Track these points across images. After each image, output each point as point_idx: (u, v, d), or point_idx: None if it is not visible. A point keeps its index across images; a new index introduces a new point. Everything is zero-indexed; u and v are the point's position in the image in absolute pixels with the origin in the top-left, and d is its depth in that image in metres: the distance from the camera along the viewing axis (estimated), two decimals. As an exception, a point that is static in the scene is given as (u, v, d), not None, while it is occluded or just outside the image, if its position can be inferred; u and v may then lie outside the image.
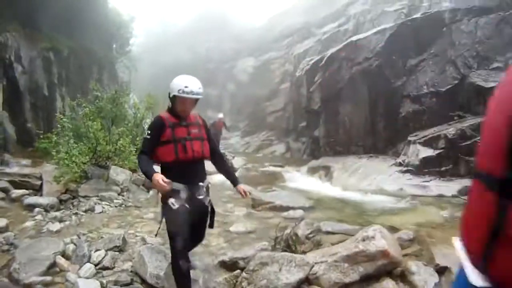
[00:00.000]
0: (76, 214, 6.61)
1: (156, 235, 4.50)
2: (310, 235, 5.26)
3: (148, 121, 13.50)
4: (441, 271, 3.99)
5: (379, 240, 3.77)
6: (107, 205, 7.31)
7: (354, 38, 14.25)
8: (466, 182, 8.82)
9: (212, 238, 5.48)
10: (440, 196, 8.73)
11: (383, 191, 9.74)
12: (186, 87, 3.24)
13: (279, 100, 23.01)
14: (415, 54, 12.14)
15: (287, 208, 7.29)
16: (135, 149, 9.28)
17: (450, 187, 8.93)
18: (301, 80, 18.43)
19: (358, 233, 4.13)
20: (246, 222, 6.54)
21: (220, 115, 17.16)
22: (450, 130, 9.83)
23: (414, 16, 12.95)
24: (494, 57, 10.48)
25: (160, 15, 37.72)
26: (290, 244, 4.71)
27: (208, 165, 3.69)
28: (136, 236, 5.59)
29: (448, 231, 6.10)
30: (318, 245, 4.90)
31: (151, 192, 8.49)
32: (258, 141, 22.36)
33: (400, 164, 10.80)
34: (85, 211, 6.79)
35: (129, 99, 13.36)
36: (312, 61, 16.33)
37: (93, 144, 8.64)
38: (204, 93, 3.40)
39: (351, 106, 13.50)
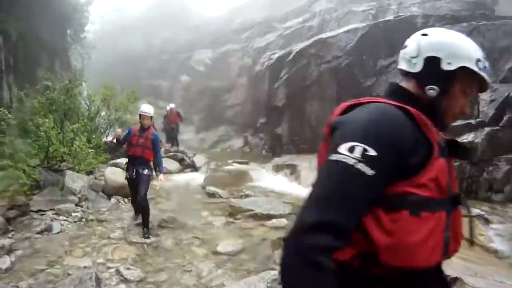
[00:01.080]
0: (29, 238, 5.45)
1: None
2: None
3: (102, 115, 12.69)
4: (453, 281, 3.86)
5: None
6: (65, 220, 6.30)
7: (323, 35, 13.88)
8: None
9: (201, 263, 4.91)
10: None
11: None
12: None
13: (238, 94, 22.18)
14: (385, 56, 12.06)
15: (269, 216, 6.85)
16: (92, 150, 8.52)
17: None
18: (262, 75, 17.83)
19: None
20: (230, 237, 5.94)
21: (171, 105, 16.12)
22: None
23: (387, 18, 12.87)
24: None
25: (116, 2, 35.40)
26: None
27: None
28: (109, 268, 4.74)
29: None
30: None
31: (112, 199, 7.90)
32: (215, 136, 21.46)
33: None
34: (41, 232, 5.67)
35: (83, 90, 12.51)
36: (276, 56, 15.79)
37: (44, 144, 7.48)
38: (155, 84, 3.27)
39: (318, 104, 13.08)
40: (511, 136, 8.64)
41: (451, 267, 4.03)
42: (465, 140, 8.86)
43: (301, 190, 9.98)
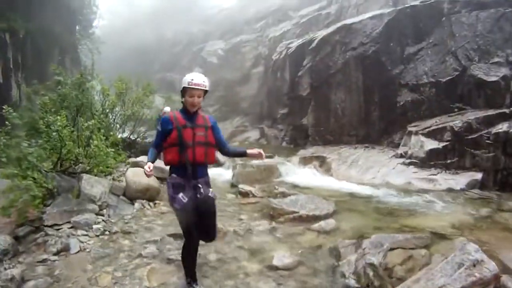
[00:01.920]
0: (44, 261, 4.51)
1: None
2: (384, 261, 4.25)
3: (117, 110, 12.24)
4: None
5: (489, 263, 3.30)
6: (85, 235, 5.36)
7: (348, 21, 13.44)
8: (473, 175, 8.73)
9: (260, 283, 4.12)
10: (450, 190, 8.46)
11: (389, 185, 9.25)
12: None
13: (253, 85, 21.96)
14: (413, 43, 11.68)
15: (315, 218, 6.28)
16: (112, 150, 7.69)
17: (458, 180, 8.69)
18: (280, 64, 17.47)
19: (454, 254, 3.53)
20: (281, 246, 5.20)
21: (167, 109, 15.49)
22: (456, 122, 9.46)
23: (413, 3, 12.31)
24: (495, 51, 10.22)
25: (125, -4, 34.98)
26: (375, 283, 3.78)
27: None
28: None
29: (491, 232, 5.70)
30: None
31: (136, 204, 7.18)
32: (231, 128, 21.16)
33: (401, 156, 10.36)
34: (57, 253, 4.71)
35: (96, 85, 11.70)
36: (296, 44, 15.36)
37: (57, 145, 6.54)
38: (168, 77, 3.08)
39: (344, 93, 12.72)
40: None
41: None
42: (500, 130, 8.62)
43: (335, 183, 9.69)
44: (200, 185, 3.54)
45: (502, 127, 8.68)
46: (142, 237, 5.48)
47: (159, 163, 9.33)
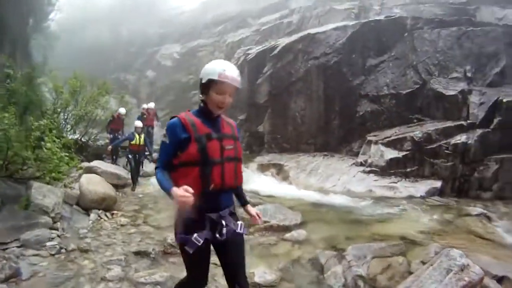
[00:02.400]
0: None
1: None
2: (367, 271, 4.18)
3: (70, 109, 11.61)
4: (500, 280, 3.95)
5: (474, 266, 3.46)
6: (37, 255, 4.53)
7: (311, 30, 13.36)
8: (432, 183, 9.12)
9: None
10: (410, 197, 8.74)
11: (351, 193, 9.32)
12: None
13: (207, 90, 21.36)
14: (375, 55, 11.89)
15: (285, 228, 6.05)
16: (66, 154, 6.89)
17: (417, 188, 9.01)
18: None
19: (440, 260, 3.57)
20: (257, 260, 4.75)
21: (150, 104, 14.89)
22: (416, 133, 9.82)
23: (377, 18, 12.57)
24: (454, 67, 10.72)
25: (81, -10, 33.26)
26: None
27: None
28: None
29: (456, 237, 5.94)
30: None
31: (91, 215, 6.64)
32: (182, 133, 20.45)
33: (361, 164, 10.45)
34: (5, 280, 3.83)
35: (47, 81, 11.28)
36: (258, 50, 15.09)
37: (2, 147, 5.67)
38: (121, 78, 2.74)
39: (304, 101, 12.58)
40: (500, 138, 8.97)
41: (490, 266, 4.12)
42: (458, 141, 8.99)
43: (295, 191, 9.49)
44: (224, 221, 2.45)
45: (461, 138, 9.12)
46: (103, 255, 4.80)
47: (115, 168, 9.41)
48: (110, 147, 10.95)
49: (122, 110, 13.06)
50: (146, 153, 10.74)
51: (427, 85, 10.66)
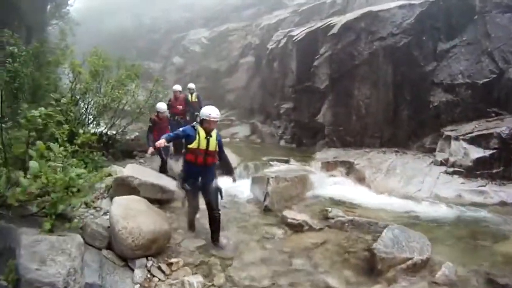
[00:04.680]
0: None
1: None
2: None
3: (90, 95, 9.43)
4: None
5: None
6: None
7: (373, 8, 11.84)
8: None
9: None
10: (503, 203, 7.68)
11: (438, 198, 8.09)
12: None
13: (241, 76, 20.11)
14: (445, 39, 10.40)
15: (426, 263, 4.64)
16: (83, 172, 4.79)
17: (508, 193, 7.90)
18: (277, 54, 15.86)
19: None
20: None
21: (176, 87, 11.79)
22: (502, 129, 8.51)
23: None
24: None
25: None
26: None
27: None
28: None
29: None
30: None
31: (137, 270, 4.48)
32: (214, 122, 19.20)
33: (441, 164, 9.18)
34: None
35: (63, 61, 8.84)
36: (308, 30, 13.67)
37: None
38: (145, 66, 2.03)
39: (369, 88, 11.13)
40: None
41: None
42: None
43: (377, 197, 8.29)
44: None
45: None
46: None
47: (157, 176, 7.86)
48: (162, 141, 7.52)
49: (177, 87, 11.34)
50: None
51: (505, 74, 9.29)
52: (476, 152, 8.56)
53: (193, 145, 5.11)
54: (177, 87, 11.40)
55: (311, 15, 17.16)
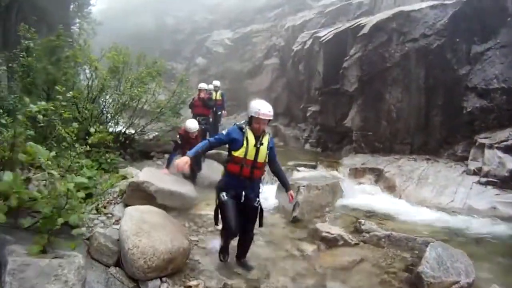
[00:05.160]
0: None
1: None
2: None
3: (108, 92, 9.13)
4: None
5: None
6: None
7: (404, 8, 11.41)
8: None
9: None
10: None
11: (472, 210, 7.63)
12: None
13: (265, 78, 19.85)
14: (479, 41, 9.92)
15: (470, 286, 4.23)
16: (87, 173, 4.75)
17: None
18: (303, 55, 15.60)
19: None
20: None
21: (202, 85, 11.61)
22: None
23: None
24: None
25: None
26: None
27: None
28: None
29: None
30: None
31: None
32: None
33: (474, 173, 8.69)
34: None
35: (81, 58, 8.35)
36: (336, 31, 13.35)
37: None
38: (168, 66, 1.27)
39: (401, 92, 10.70)
40: None
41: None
42: None
43: (409, 208, 7.89)
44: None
45: None
46: None
47: (176, 181, 7.26)
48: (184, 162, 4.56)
49: (203, 85, 10.79)
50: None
51: None
52: (513, 162, 8.13)
53: (239, 152, 4.12)
54: (203, 85, 10.99)
55: (337, 16, 16.82)
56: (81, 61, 7.99)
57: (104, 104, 9.38)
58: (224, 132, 4.26)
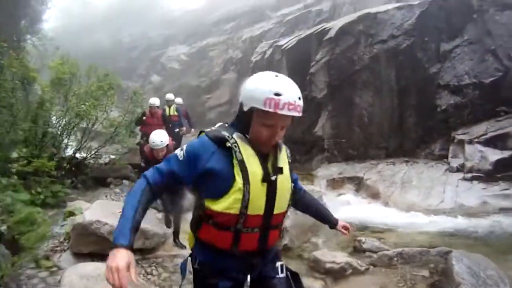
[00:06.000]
0: None
1: None
2: None
3: (56, 109, 7.82)
4: None
5: None
6: None
7: (371, 10, 11.12)
8: None
9: None
10: None
11: (464, 208, 7.39)
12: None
13: (223, 92, 19.28)
14: (448, 39, 9.93)
15: None
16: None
17: None
18: (263, 66, 14.97)
19: None
20: None
21: (152, 101, 8.77)
22: None
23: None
24: None
25: (79, -5, 31.34)
26: None
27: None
28: None
29: None
30: None
31: None
32: (196, 143, 18.26)
33: (457, 170, 8.54)
34: None
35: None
36: (298, 38, 12.93)
37: None
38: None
39: (372, 95, 10.33)
40: None
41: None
42: None
43: (400, 215, 7.36)
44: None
45: None
46: None
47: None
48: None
49: (155, 101, 8.47)
50: None
51: (511, 72, 8.94)
52: (494, 154, 8.08)
53: (227, 203, 1.61)
54: (154, 101, 8.62)
55: (297, 24, 16.66)
56: (16, 70, 6.53)
57: (47, 123, 7.71)
58: (179, 152, 1.71)
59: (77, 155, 8.40)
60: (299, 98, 1.64)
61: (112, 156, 9.37)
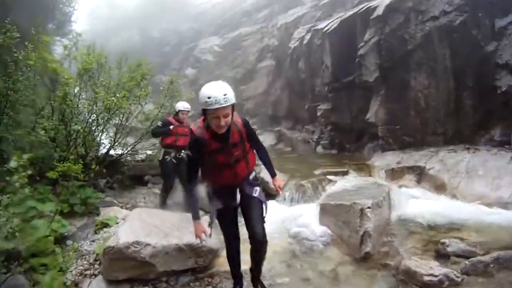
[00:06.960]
0: None
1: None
2: None
3: (83, 103, 6.91)
4: None
5: None
6: None
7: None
8: None
9: None
10: None
11: None
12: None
13: (260, 81, 18.93)
14: (501, 14, 9.03)
15: None
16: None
17: None
18: (303, 52, 14.81)
19: None
20: None
21: (179, 104, 7.18)
22: None
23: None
24: None
25: (106, -2, 31.64)
26: None
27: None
28: None
29: None
30: None
31: None
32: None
33: None
34: None
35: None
36: (341, 18, 12.37)
37: None
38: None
39: (426, 76, 9.66)
40: None
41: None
42: None
43: (468, 209, 6.72)
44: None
45: None
46: None
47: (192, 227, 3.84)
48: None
49: (183, 105, 6.75)
50: None
51: None
52: None
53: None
54: (186, 105, 6.86)
55: (334, 8, 15.89)
56: (34, 64, 5.69)
57: (72, 120, 6.68)
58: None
59: (111, 152, 7.82)
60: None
61: (149, 152, 8.85)
